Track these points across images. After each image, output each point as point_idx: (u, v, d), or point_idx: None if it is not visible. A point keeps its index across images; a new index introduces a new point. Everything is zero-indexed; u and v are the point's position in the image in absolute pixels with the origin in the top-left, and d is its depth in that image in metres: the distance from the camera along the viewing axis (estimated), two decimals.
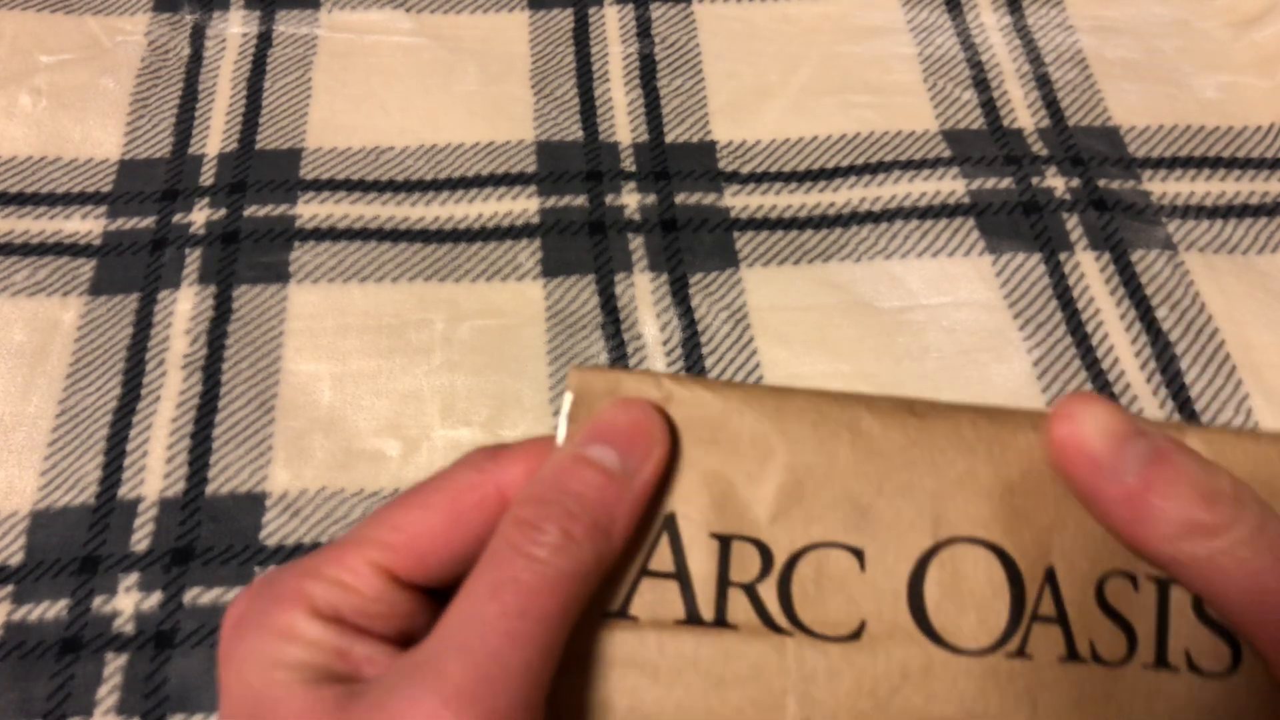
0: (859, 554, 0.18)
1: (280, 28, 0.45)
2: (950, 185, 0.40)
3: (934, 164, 0.41)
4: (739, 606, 0.18)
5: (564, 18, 0.45)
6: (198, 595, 0.31)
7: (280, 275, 0.38)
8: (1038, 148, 0.41)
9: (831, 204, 0.40)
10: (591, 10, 0.46)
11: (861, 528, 0.18)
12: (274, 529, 0.33)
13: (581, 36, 0.45)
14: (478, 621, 0.16)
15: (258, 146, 0.41)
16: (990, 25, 0.45)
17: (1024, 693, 0.17)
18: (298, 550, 0.32)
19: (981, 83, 0.43)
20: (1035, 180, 0.41)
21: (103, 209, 0.39)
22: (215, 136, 0.41)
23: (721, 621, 0.18)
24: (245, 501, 0.33)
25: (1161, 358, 0.36)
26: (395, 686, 0.16)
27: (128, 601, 0.31)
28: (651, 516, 0.18)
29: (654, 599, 0.18)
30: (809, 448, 0.18)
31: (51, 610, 0.31)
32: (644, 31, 0.45)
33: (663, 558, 0.18)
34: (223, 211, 0.39)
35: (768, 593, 0.18)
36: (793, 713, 0.17)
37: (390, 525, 0.18)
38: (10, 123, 0.41)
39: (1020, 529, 0.18)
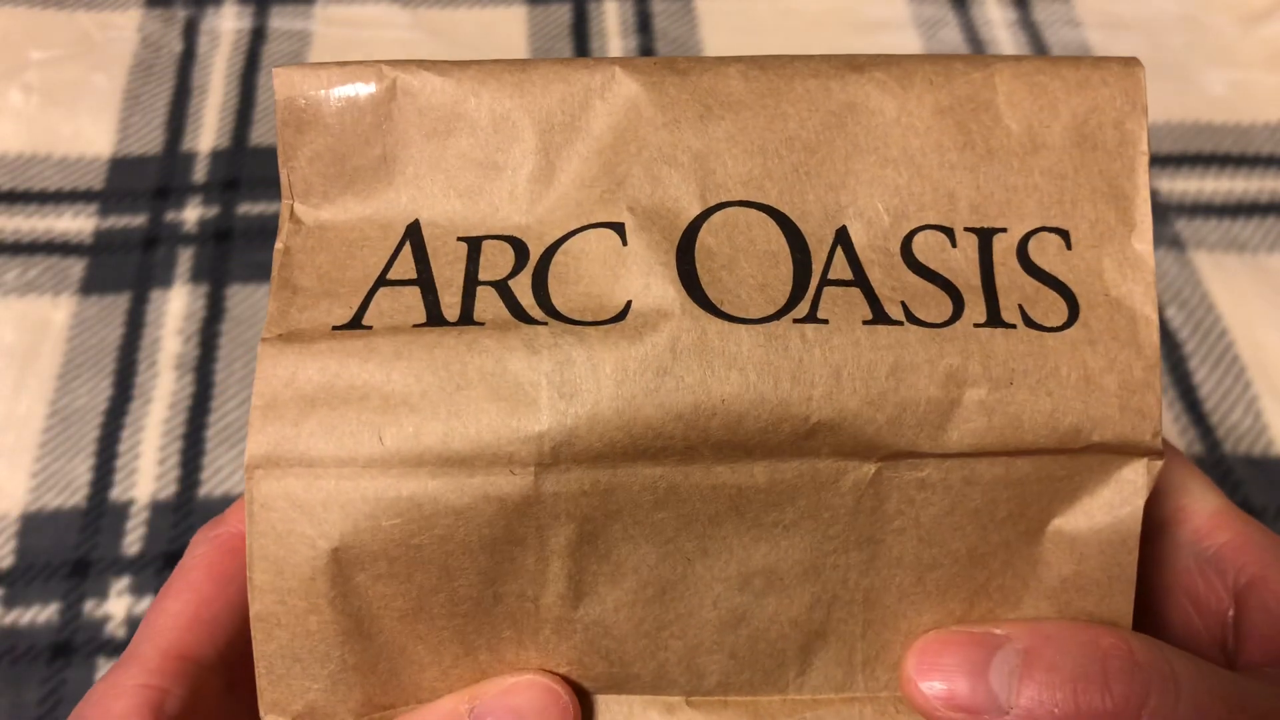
0: (619, 229, 0.16)
1: (274, 23, 0.44)
2: None
3: None
4: (488, 304, 0.16)
5: (563, 12, 0.45)
6: None
7: None
8: None
9: None
10: (591, 4, 0.45)
11: (620, 201, 0.16)
12: None
13: (580, 31, 0.44)
14: None
15: (251, 143, 0.40)
16: (996, 20, 0.45)
17: (822, 361, 0.15)
18: None
19: None
20: None
21: (94, 207, 0.39)
22: (208, 133, 0.41)
23: (468, 320, 0.16)
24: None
25: (1170, 357, 0.36)
26: None
27: (119, 606, 0.31)
28: (391, 228, 0.16)
29: (391, 306, 0.16)
30: (559, 123, 0.16)
31: (42, 614, 0.31)
32: (644, 25, 0.44)
33: (405, 267, 0.16)
34: (215, 209, 0.39)
35: (520, 287, 0.16)
36: (548, 403, 0.15)
37: (152, 633, 0.17)
38: (1, 119, 0.41)
39: (802, 188, 0.16)
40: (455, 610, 0.16)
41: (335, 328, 0.16)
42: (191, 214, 0.39)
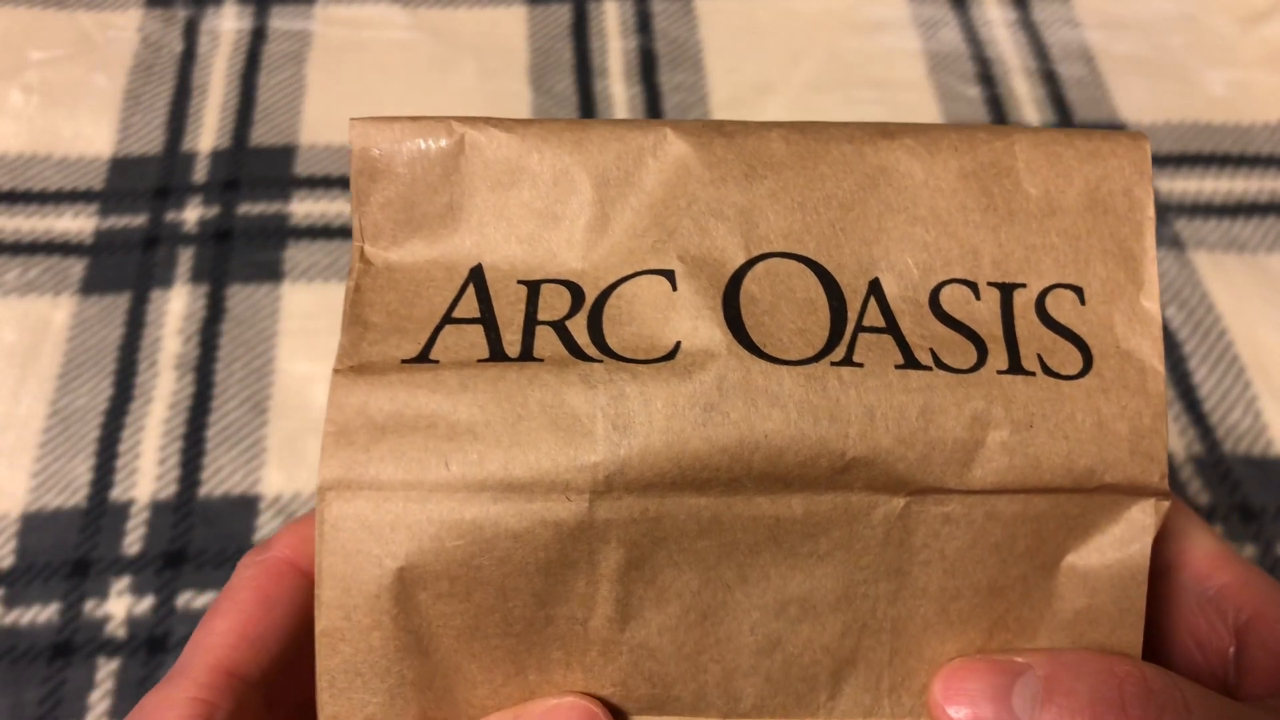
0: (669, 276, 0.17)
1: (274, 23, 0.44)
2: None
3: None
4: (547, 342, 0.17)
5: (563, 12, 0.45)
6: (190, 599, 0.31)
7: (274, 274, 0.37)
8: None
9: None
10: (591, 4, 0.45)
11: (670, 250, 0.17)
12: (267, 532, 0.32)
13: (580, 31, 0.44)
14: None
15: (251, 143, 0.40)
16: (996, 20, 0.45)
17: (857, 402, 0.16)
18: None
19: (987, 78, 0.43)
20: None
21: (94, 207, 0.39)
22: (208, 133, 0.41)
23: (528, 357, 0.17)
24: (238, 504, 0.33)
25: (1170, 356, 0.36)
26: None
27: (119, 606, 0.31)
28: (455, 270, 0.18)
29: (456, 343, 0.17)
30: (613, 178, 0.18)
31: (42, 614, 0.31)
32: (644, 26, 0.44)
33: (468, 307, 0.17)
34: (216, 209, 0.39)
35: (577, 327, 0.17)
36: (602, 435, 0.16)
37: (201, 650, 0.18)
38: (1, 119, 0.41)
39: (838, 242, 0.17)
40: (509, 630, 0.16)
41: (404, 361, 0.17)
42: (192, 214, 0.39)
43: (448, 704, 0.17)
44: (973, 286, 0.17)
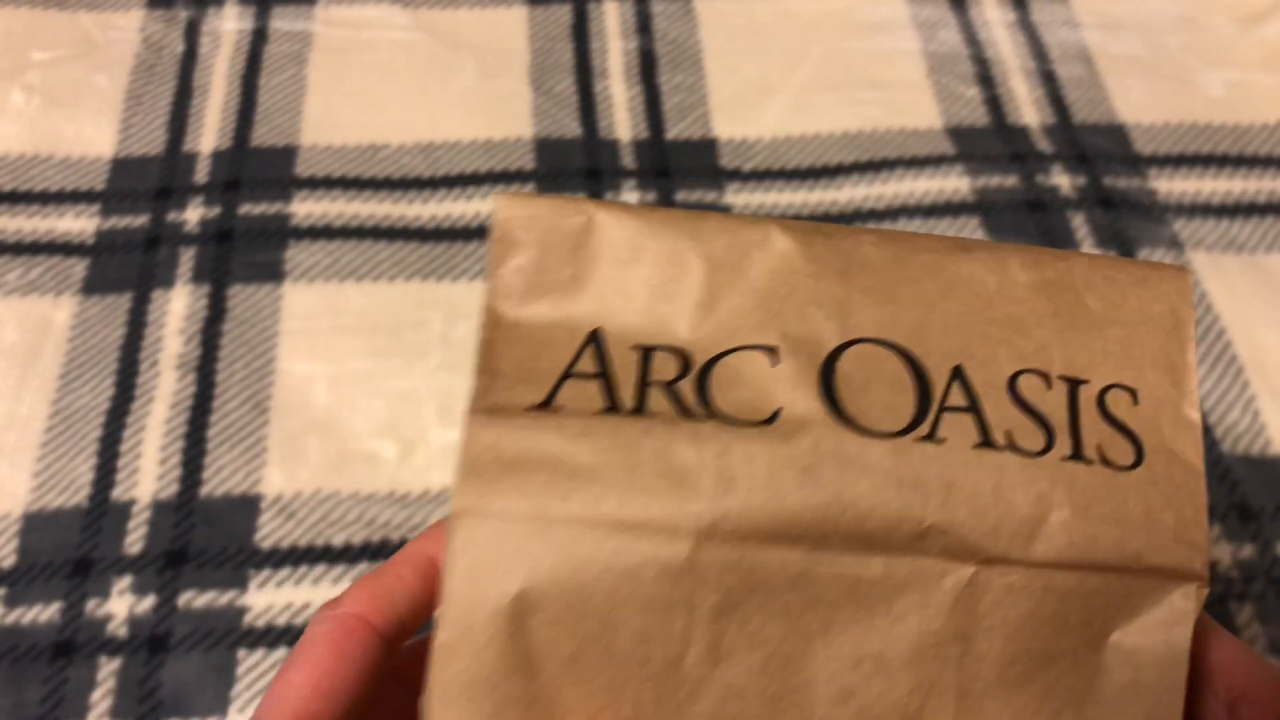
0: (772, 351, 0.19)
1: (275, 23, 0.44)
2: (955, 183, 0.40)
3: (938, 161, 0.40)
4: (658, 400, 0.19)
5: (563, 12, 0.45)
6: (192, 599, 0.31)
7: (275, 274, 0.37)
8: (1043, 145, 0.41)
9: (834, 202, 0.39)
10: (591, 5, 0.45)
11: (773, 330, 0.19)
12: (268, 531, 0.32)
13: (581, 32, 0.44)
14: None
15: (252, 144, 0.41)
16: (995, 21, 0.45)
17: (937, 475, 0.18)
18: (292, 553, 0.32)
19: (986, 79, 0.43)
20: (1040, 178, 0.40)
21: (96, 207, 0.39)
22: (209, 134, 0.41)
23: (641, 411, 0.19)
24: (239, 504, 0.33)
25: None
26: None
27: (121, 605, 0.31)
28: (576, 332, 0.20)
29: (576, 394, 0.19)
30: (724, 264, 0.20)
31: (44, 613, 0.31)
32: (644, 27, 0.44)
33: (587, 364, 0.19)
34: (217, 210, 0.39)
35: (685, 389, 0.19)
36: (708, 486, 0.18)
37: (279, 701, 0.19)
38: (2, 120, 0.41)
39: (923, 333, 0.20)
40: (609, 662, 0.18)
41: (530, 407, 0.19)
42: (193, 214, 0.39)
43: None
44: (1045, 377, 0.19)
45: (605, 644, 0.18)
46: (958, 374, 0.19)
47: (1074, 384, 0.19)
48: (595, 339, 0.19)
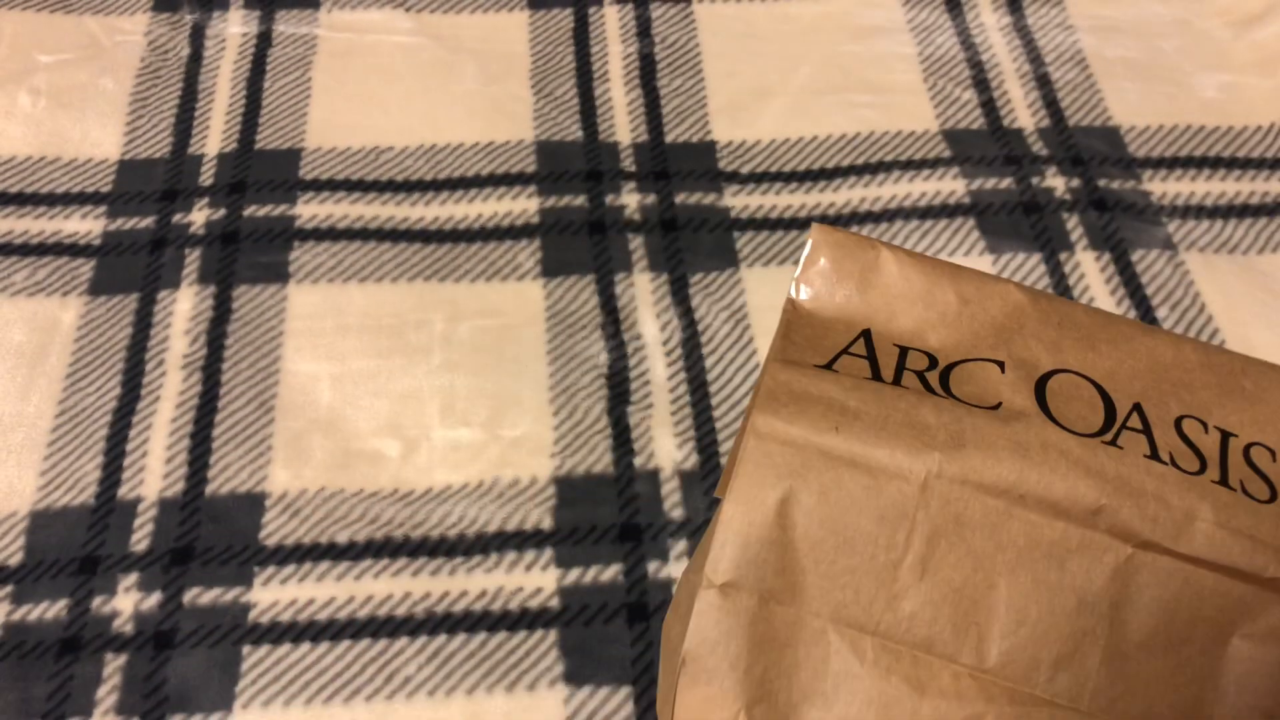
0: (1000, 364, 0.25)
1: (280, 27, 0.45)
2: (950, 185, 0.40)
3: (934, 164, 0.41)
4: (910, 381, 0.24)
5: (564, 17, 0.45)
6: (197, 595, 0.31)
7: (280, 275, 0.38)
8: (1038, 148, 0.41)
9: (832, 204, 0.40)
10: (591, 10, 0.45)
11: (1002, 349, 0.25)
12: (273, 529, 0.33)
13: (581, 36, 0.45)
14: None
15: (257, 146, 0.41)
16: (990, 25, 0.45)
17: (1114, 470, 0.23)
18: (297, 551, 0.32)
19: (982, 82, 0.43)
20: (1035, 180, 0.40)
21: (102, 209, 0.39)
22: (215, 136, 0.41)
23: (898, 384, 0.24)
24: (245, 502, 0.33)
25: None
26: None
27: (127, 602, 0.31)
28: (853, 328, 0.25)
29: (849, 364, 0.25)
30: (971, 299, 0.26)
31: (51, 610, 0.31)
32: (644, 31, 0.45)
33: (858, 349, 0.25)
34: (222, 211, 0.39)
35: (932, 377, 0.25)
36: (942, 441, 0.23)
37: None
38: (9, 122, 0.41)
39: (1114, 378, 0.25)
40: (846, 551, 0.23)
41: (816, 366, 0.25)
42: (199, 216, 0.39)
43: (789, 591, 0.23)
44: (1204, 424, 0.24)
45: (846, 538, 0.23)
46: (1137, 408, 0.24)
47: (1226, 435, 0.24)
48: (866, 335, 0.25)
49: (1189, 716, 0.22)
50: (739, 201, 0.40)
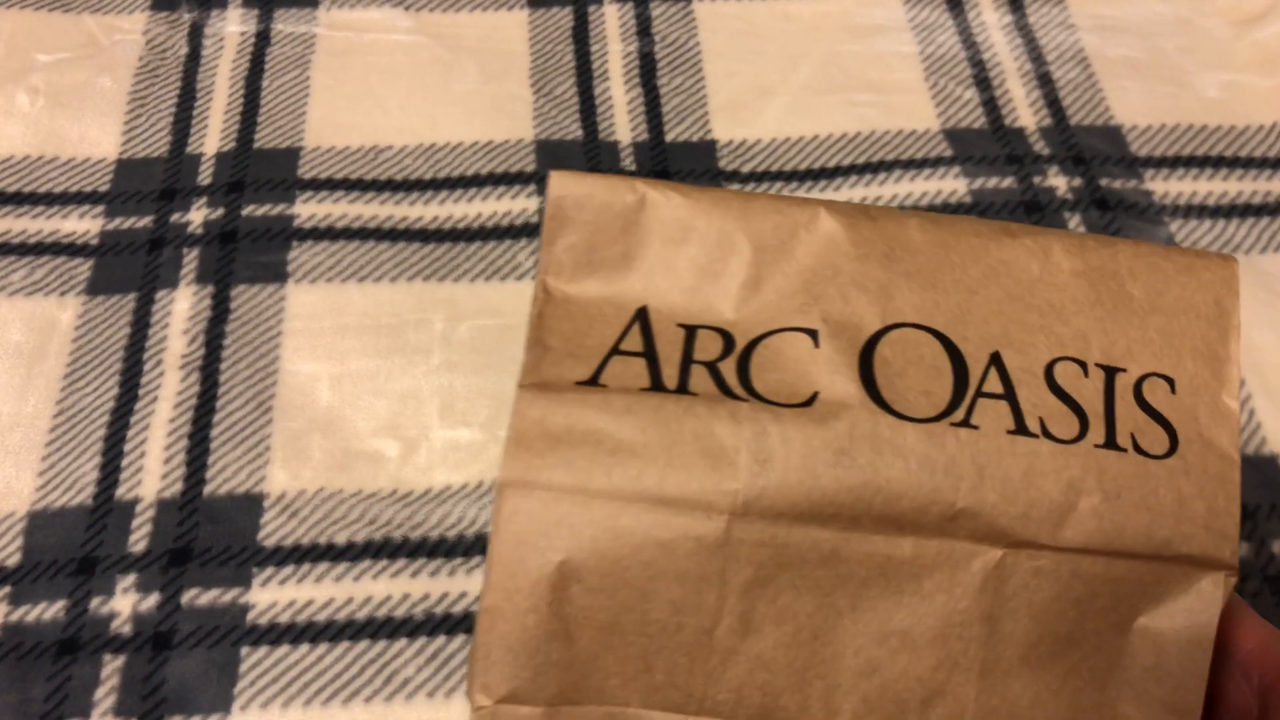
0: (813, 334, 0.20)
1: (278, 26, 0.44)
2: (952, 184, 0.40)
3: (935, 163, 0.41)
4: (700, 379, 0.19)
5: (563, 16, 0.45)
6: (195, 596, 0.31)
7: (278, 275, 0.38)
8: (1039, 147, 0.41)
9: None
10: (591, 8, 0.45)
11: (815, 312, 0.20)
12: (272, 530, 0.33)
13: (581, 35, 0.45)
14: None
15: (256, 145, 0.41)
16: (991, 23, 0.45)
17: (970, 460, 0.18)
18: (295, 552, 0.32)
19: (983, 81, 0.43)
20: (1037, 179, 0.40)
21: (100, 208, 0.39)
22: (213, 135, 0.41)
23: (683, 390, 0.19)
24: (243, 502, 0.33)
25: None
26: None
27: (125, 603, 0.31)
28: (624, 309, 0.20)
29: (622, 371, 0.19)
30: (770, 245, 0.20)
31: (49, 611, 0.31)
32: (644, 30, 0.45)
33: (633, 342, 0.20)
34: (220, 211, 0.39)
35: (727, 369, 0.19)
36: (745, 465, 0.18)
37: None
38: (7, 122, 0.41)
39: (964, 319, 0.20)
40: (644, 631, 0.19)
41: (577, 383, 0.19)
42: (197, 215, 0.39)
43: (583, 688, 0.19)
44: (1083, 365, 0.20)
45: (641, 613, 0.18)
46: (995, 361, 0.19)
47: (1111, 372, 0.20)
48: (642, 317, 0.20)
49: None
50: None
